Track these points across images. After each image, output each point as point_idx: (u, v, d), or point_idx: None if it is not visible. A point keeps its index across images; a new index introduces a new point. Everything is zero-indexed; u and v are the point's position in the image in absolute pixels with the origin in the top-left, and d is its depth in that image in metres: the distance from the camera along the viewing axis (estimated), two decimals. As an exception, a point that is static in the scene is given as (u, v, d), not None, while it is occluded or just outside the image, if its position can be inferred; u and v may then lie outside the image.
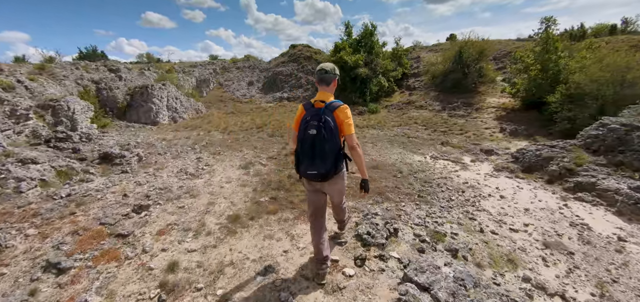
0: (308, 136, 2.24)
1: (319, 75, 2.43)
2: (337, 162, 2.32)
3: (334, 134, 2.25)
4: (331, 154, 2.25)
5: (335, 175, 2.37)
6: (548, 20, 13.17)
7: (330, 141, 2.22)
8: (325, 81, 2.42)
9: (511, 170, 6.63)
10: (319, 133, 2.20)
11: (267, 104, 19.18)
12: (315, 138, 2.21)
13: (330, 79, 2.43)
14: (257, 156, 7.30)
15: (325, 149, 2.22)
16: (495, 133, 12.27)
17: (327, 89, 2.44)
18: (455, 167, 7.29)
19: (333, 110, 2.29)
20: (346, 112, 2.32)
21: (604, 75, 10.23)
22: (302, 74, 21.85)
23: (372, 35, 20.19)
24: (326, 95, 2.41)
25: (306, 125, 2.27)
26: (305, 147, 2.28)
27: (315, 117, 2.24)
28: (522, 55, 14.67)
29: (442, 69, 18.92)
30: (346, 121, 2.29)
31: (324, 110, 2.26)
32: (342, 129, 2.31)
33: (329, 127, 2.21)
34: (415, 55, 27.13)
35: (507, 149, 9.99)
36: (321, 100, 2.35)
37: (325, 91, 2.43)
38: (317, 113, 2.26)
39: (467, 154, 8.94)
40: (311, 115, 2.28)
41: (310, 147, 2.24)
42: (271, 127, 11.71)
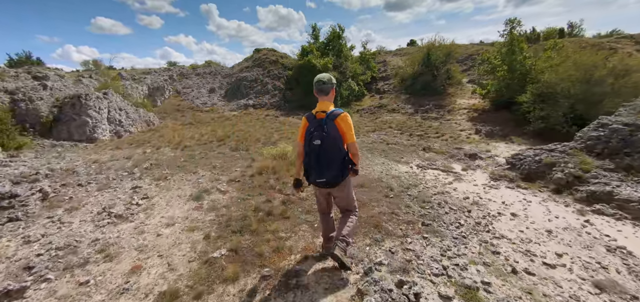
0: (314, 147, 2.29)
1: (317, 87, 2.43)
2: (343, 169, 2.36)
3: (338, 142, 2.30)
4: (337, 162, 2.31)
5: (342, 181, 2.43)
6: (512, 22, 13.14)
7: (334, 150, 2.29)
8: (324, 91, 2.43)
9: (510, 179, 5.82)
10: (324, 143, 2.25)
11: (230, 113, 17.40)
12: (320, 148, 2.26)
13: (328, 89, 2.44)
14: (216, 179, 5.78)
15: (331, 157, 2.29)
16: (471, 135, 11.79)
17: (326, 98, 2.44)
18: (448, 177, 6.35)
19: (334, 119, 2.31)
20: (347, 120, 2.35)
21: (574, 73, 10.09)
22: (268, 79, 20.34)
23: (340, 38, 19.32)
24: (326, 105, 2.41)
25: (311, 136, 2.31)
26: (312, 157, 2.33)
27: (319, 128, 2.28)
28: (489, 56, 14.56)
29: (411, 71, 18.51)
30: (348, 130, 2.33)
31: (325, 121, 2.28)
32: (345, 137, 2.34)
33: (332, 136, 2.26)
34: (382, 59, 26.87)
35: (488, 151, 9.42)
36: (322, 111, 2.35)
37: (325, 101, 2.44)
38: (319, 124, 2.30)
39: (453, 160, 8.14)
40: (314, 126, 2.31)
41: (317, 157, 2.30)
42: (235, 139, 10.13)
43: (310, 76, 17.85)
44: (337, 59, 18.56)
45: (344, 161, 2.37)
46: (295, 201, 4.61)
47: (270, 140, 10.12)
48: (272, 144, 9.41)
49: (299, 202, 4.59)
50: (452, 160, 8.18)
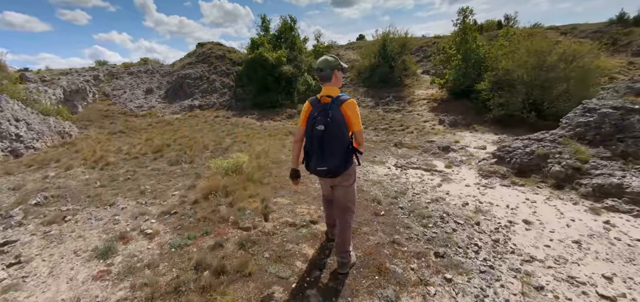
0: (317, 132, 2.10)
1: (318, 75, 2.26)
2: (346, 158, 2.16)
3: (342, 129, 2.09)
4: (340, 150, 2.11)
5: (345, 171, 2.21)
6: (465, 11, 13.08)
7: (338, 137, 2.09)
8: (325, 77, 2.23)
9: (502, 175, 5.12)
10: (327, 129, 2.06)
11: (172, 116, 14.97)
12: (324, 134, 2.07)
13: (328, 75, 2.21)
14: (141, 213, 4.10)
15: (334, 144, 2.09)
16: (435, 126, 11.40)
17: (330, 84, 2.24)
18: (434, 178, 5.48)
19: (340, 105, 2.12)
20: (354, 107, 2.17)
21: (529, 60, 10.11)
22: (216, 76, 18.12)
23: (292, 29, 17.89)
24: (332, 90, 2.22)
25: (314, 121, 2.12)
26: (314, 143, 2.15)
27: (323, 113, 2.09)
28: (444, 46, 14.44)
29: (368, 63, 17.88)
30: (354, 116, 2.15)
31: (330, 106, 2.11)
32: (350, 125, 2.15)
33: (337, 122, 2.07)
34: (335, 52, 26.08)
35: (457, 142, 8.96)
36: (327, 95, 2.18)
37: (329, 86, 2.24)
38: (324, 108, 2.11)
39: (429, 155, 7.41)
40: (318, 111, 2.13)
41: (319, 143, 2.11)
42: (176, 148, 8.24)
43: (263, 71, 16.20)
44: (290, 51, 17.12)
45: (348, 150, 2.17)
46: (258, 240, 3.23)
47: (221, 146, 8.43)
48: (224, 152, 7.77)
49: (264, 240, 3.23)
50: (428, 155, 7.45)
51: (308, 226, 3.55)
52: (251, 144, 8.65)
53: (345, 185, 2.36)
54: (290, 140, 9.46)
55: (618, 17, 22.53)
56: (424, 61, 21.64)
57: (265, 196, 4.39)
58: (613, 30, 20.20)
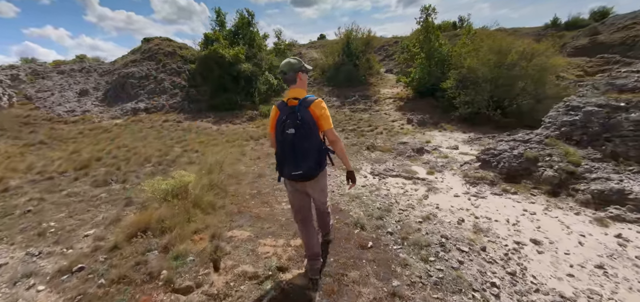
0: (287, 136, 2.01)
1: (282, 78, 2.18)
2: (320, 160, 2.11)
3: (313, 130, 2.02)
4: (313, 152, 2.05)
5: (319, 173, 2.16)
6: (427, 9, 12.91)
7: (310, 139, 2.01)
8: (290, 80, 2.13)
9: (491, 181, 4.59)
10: (298, 132, 1.98)
11: (111, 122, 12.81)
12: (295, 137, 1.99)
13: (292, 77, 2.12)
14: (28, 273, 2.78)
15: (306, 147, 2.02)
16: (404, 125, 10.99)
17: (296, 86, 2.14)
18: (418, 188, 4.80)
19: (308, 106, 2.03)
20: (322, 106, 2.07)
21: (492, 58, 10.08)
22: (165, 75, 16.08)
23: (250, 25, 16.52)
24: (298, 92, 2.12)
25: (283, 125, 2.02)
26: (286, 148, 2.05)
27: (292, 116, 1.99)
28: (408, 43, 14.21)
29: (332, 62, 17.17)
30: (323, 116, 2.05)
31: (298, 108, 2.00)
32: (320, 124, 2.06)
33: (307, 124, 1.98)
34: (296, 51, 25.10)
35: (429, 142, 8.55)
36: (294, 98, 2.08)
37: (295, 88, 2.13)
38: (292, 111, 2.01)
39: (404, 158, 6.80)
40: (286, 114, 2.02)
41: (291, 147, 2.02)
42: (108, 163, 6.67)
43: (219, 70, 14.66)
44: (249, 49, 15.76)
45: (321, 150, 2.10)
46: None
47: (168, 158, 7.03)
48: (170, 164, 6.41)
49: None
50: (403, 159, 6.83)
51: (274, 275, 2.57)
52: (205, 153, 7.35)
53: (319, 187, 2.32)
54: (251, 146, 8.32)
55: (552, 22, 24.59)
56: (386, 60, 21.58)
57: (217, 229, 3.30)
58: (549, 34, 21.86)
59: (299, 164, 2.05)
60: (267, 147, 8.17)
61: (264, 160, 6.72)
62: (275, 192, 4.68)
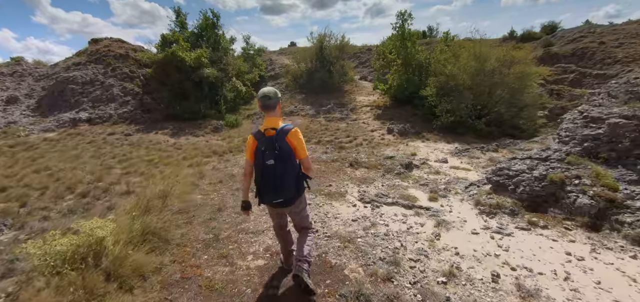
0: (268, 168, 2.07)
1: (262, 102, 2.19)
2: (298, 186, 2.21)
3: (291, 158, 2.10)
4: (293, 179, 2.13)
5: (298, 198, 2.26)
6: (403, 15, 12.37)
7: (288, 168, 2.09)
8: (270, 107, 2.18)
9: (511, 210, 3.71)
10: (277, 162, 2.05)
11: (42, 135, 10.58)
12: (276, 167, 2.05)
13: (274, 104, 2.19)
14: None
15: (286, 175, 2.09)
16: (384, 136, 10.15)
17: (273, 113, 2.21)
18: (423, 220, 3.79)
19: (285, 136, 2.10)
20: (298, 136, 2.16)
21: (474, 64, 9.61)
22: (115, 80, 13.94)
23: (215, 27, 14.97)
24: (275, 121, 2.17)
25: (262, 156, 2.08)
26: (267, 178, 2.10)
27: (270, 147, 2.06)
28: (384, 50, 13.56)
29: (305, 68, 16.11)
30: (300, 145, 2.14)
31: (276, 138, 2.07)
32: (297, 153, 2.14)
33: (286, 153, 2.06)
34: (266, 57, 23.78)
35: (414, 155, 7.74)
36: (271, 128, 2.13)
37: (273, 116, 2.20)
38: (270, 142, 2.07)
39: (393, 176, 5.85)
40: (265, 145, 2.08)
41: (272, 177, 2.08)
42: (13, 197, 4.93)
43: (179, 75, 12.95)
44: (213, 52, 14.19)
45: (299, 177, 2.20)
46: None
47: (100, 185, 5.42)
48: (98, 197, 4.85)
49: None
50: (393, 177, 5.87)
51: None
52: (151, 177, 5.83)
53: (298, 211, 2.36)
54: (213, 165, 6.91)
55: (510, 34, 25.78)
56: (360, 67, 20.99)
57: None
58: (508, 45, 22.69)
59: (280, 193, 2.12)
60: (232, 164, 6.82)
61: (227, 184, 5.38)
62: (240, 237, 3.42)
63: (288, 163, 2.07)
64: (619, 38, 18.55)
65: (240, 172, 6.15)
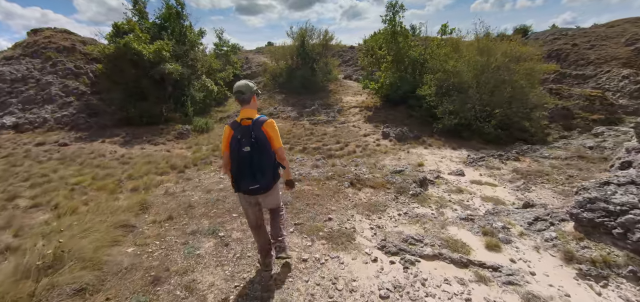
0: (244, 154, 2.13)
1: (237, 96, 2.27)
2: (274, 173, 2.28)
3: (267, 147, 2.18)
4: (269, 166, 2.21)
5: (273, 185, 2.33)
6: (394, 6, 11.04)
7: (265, 155, 2.17)
8: (245, 100, 2.25)
9: (633, 272, 2.32)
10: (253, 149, 2.12)
11: (-55, 146, 8.05)
12: (252, 154, 2.13)
13: (249, 98, 2.25)
14: None
15: (263, 163, 2.17)
16: (380, 141, 8.72)
17: (249, 106, 2.27)
18: (498, 295, 2.31)
19: (261, 126, 2.18)
20: (273, 126, 2.24)
21: (480, 60, 8.42)
22: (55, 78, 11.45)
23: (180, 17, 12.87)
24: (250, 112, 2.24)
25: (239, 144, 2.13)
26: (242, 165, 2.16)
27: (247, 135, 2.13)
28: (373, 45, 12.18)
29: (285, 66, 14.40)
30: (275, 135, 2.22)
31: (252, 127, 2.15)
32: (273, 143, 2.22)
33: (262, 142, 2.14)
34: (242, 56, 21.76)
35: (421, 165, 6.38)
36: (247, 118, 2.20)
37: (248, 108, 2.26)
38: (247, 130, 2.15)
39: (409, 199, 4.42)
40: (241, 133, 2.15)
41: (249, 164, 2.15)
42: None
43: (134, 71, 10.77)
44: (178, 45, 12.10)
45: (275, 165, 2.27)
46: None
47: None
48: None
49: None
50: (407, 198, 4.45)
51: None
52: (67, 211, 3.93)
53: (272, 197, 2.42)
54: (169, 186, 5.07)
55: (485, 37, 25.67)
56: (343, 66, 19.60)
57: None
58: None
59: (256, 179, 2.17)
60: (193, 186, 5.03)
61: (179, 222, 3.64)
62: None
63: (264, 150, 2.13)
64: (590, 40, 18.57)
65: (204, 198, 4.39)
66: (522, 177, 5.59)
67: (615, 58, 16.35)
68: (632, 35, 17.63)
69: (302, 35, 13.94)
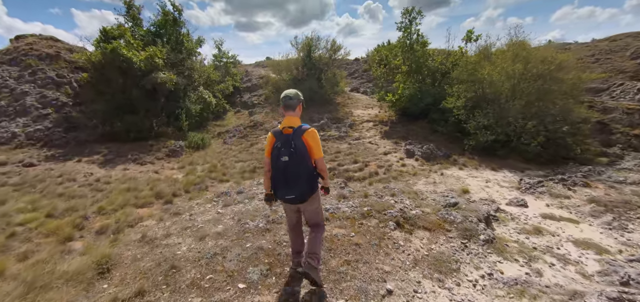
0: (281, 163, 2.11)
1: (284, 102, 2.26)
2: (311, 184, 2.19)
3: (306, 158, 2.12)
4: (305, 177, 2.13)
5: (310, 196, 2.24)
6: (410, 12, 10.03)
7: (302, 165, 2.11)
8: (291, 107, 2.24)
9: None
10: (291, 159, 2.08)
11: None
12: (289, 164, 2.09)
13: (295, 104, 2.25)
14: None
15: (298, 173, 2.11)
16: (404, 160, 7.45)
17: (293, 114, 2.26)
18: None
19: (301, 135, 2.13)
20: (314, 136, 2.19)
21: (516, 67, 7.32)
22: (32, 87, 10.11)
23: (177, 23, 11.74)
24: (293, 121, 2.22)
25: (278, 152, 2.12)
26: (279, 173, 2.15)
27: (286, 144, 2.10)
28: (387, 54, 11.11)
29: (289, 77, 13.27)
30: (315, 145, 2.16)
31: (293, 136, 2.11)
32: (312, 153, 2.16)
33: (300, 152, 2.09)
34: (242, 69, 20.68)
35: (466, 192, 5.14)
36: (289, 126, 2.18)
37: (292, 116, 2.25)
38: (287, 139, 2.11)
39: (481, 247, 3.17)
40: (282, 142, 2.12)
41: (284, 173, 2.12)
42: None
43: (123, 79, 9.50)
44: (174, 53, 10.91)
45: (312, 176, 2.19)
46: None
47: None
48: None
49: None
50: (480, 247, 3.22)
51: None
52: None
53: (312, 208, 2.36)
54: (147, 229, 3.71)
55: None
56: (348, 78, 18.56)
57: None
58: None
59: (292, 188, 2.13)
60: (181, 228, 3.67)
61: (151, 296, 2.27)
62: None
63: (302, 161, 2.08)
64: (594, 54, 17.90)
65: (195, 250, 3.03)
66: (607, 210, 4.34)
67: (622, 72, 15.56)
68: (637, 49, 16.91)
69: (309, 45, 12.87)
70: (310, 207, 2.32)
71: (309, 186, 2.15)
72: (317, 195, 2.31)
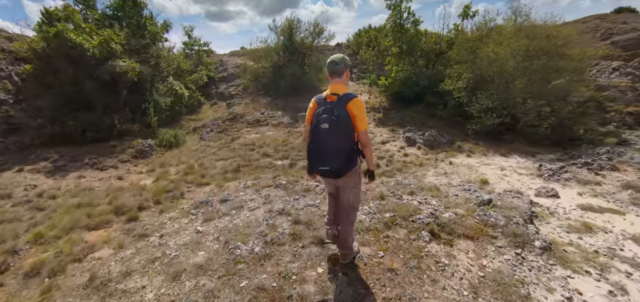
0: (320, 131, 1.89)
1: (330, 68, 2.04)
2: (350, 158, 1.97)
3: (348, 128, 1.88)
4: (344, 149, 1.92)
5: (348, 171, 2.00)
6: (400, -10, 9.25)
7: (343, 136, 1.89)
8: (337, 72, 2.02)
9: None
10: (332, 127, 1.85)
11: None
12: (329, 133, 1.86)
13: (342, 70, 2.02)
14: None
15: (338, 144, 1.90)
16: (406, 150, 6.78)
17: (339, 80, 2.02)
18: None
19: (346, 103, 1.89)
20: (360, 105, 1.92)
21: (520, 43, 6.79)
22: (-42, 84, 8.31)
23: (137, 5, 10.19)
24: (339, 87, 1.99)
25: (318, 119, 1.90)
26: (317, 142, 1.93)
27: (328, 111, 1.87)
28: (376, 35, 10.30)
29: (269, 64, 12.16)
30: (360, 116, 1.90)
31: (336, 104, 1.88)
32: (356, 124, 1.91)
33: (342, 121, 1.85)
34: (216, 59, 19.11)
35: (485, 184, 4.56)
36: (334, 93, 1.96)
37: (338, 83, 2.01)
38: (330, 107, 1.88)
39: (540, 258, 2.51)
40: (323, 109, 1.91)
41: (324, 142, 1.90)
42: None
43: (73, 69, 8.02)
44: (135, 38, 9.45)
45: (353, 150, 1.96)
46: None
47: None
48: None
49: None
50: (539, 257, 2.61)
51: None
52: None
53: (350, 186, 2.11)
54: (99, 265, 2.71)
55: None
56: (332, 64, 17.61)
57: None
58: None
59: (328, 160, 1.94)
60: (153, 248, 2.73)
61: None
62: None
63: (343, 131, 1.86)
64: None
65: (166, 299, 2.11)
66: (646, 196, 3.87)
67: (593, 52, 15.95)
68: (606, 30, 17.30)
69: (289, 28, 11.76)
70: (347, 184, 2.07)
71: (346, 160, 1.94)
72: (356, 172, 2.06)
